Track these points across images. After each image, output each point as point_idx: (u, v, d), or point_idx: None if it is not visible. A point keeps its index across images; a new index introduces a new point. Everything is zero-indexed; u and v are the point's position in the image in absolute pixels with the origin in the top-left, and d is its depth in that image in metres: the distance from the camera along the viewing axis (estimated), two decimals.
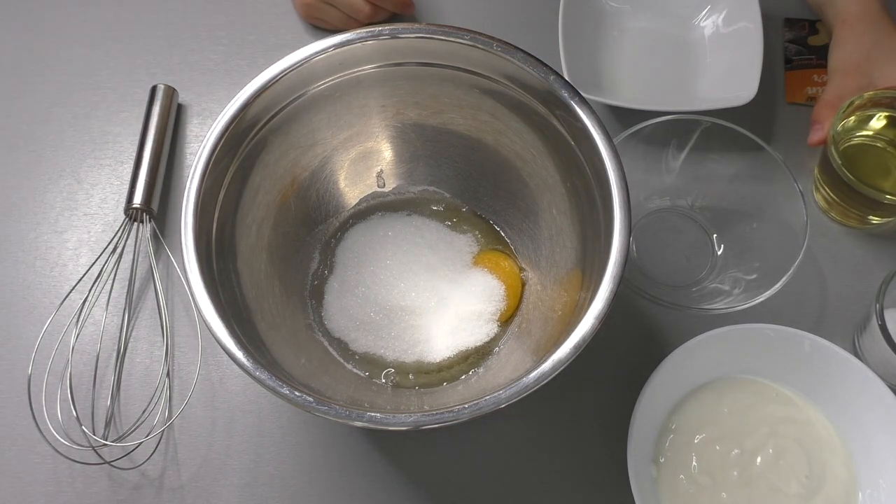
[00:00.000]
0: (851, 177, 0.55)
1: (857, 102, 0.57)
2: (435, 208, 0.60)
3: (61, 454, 0.53)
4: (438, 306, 0.56)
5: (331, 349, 0.55)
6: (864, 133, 0.59)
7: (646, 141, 0.59)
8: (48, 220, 0.63)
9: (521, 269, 0.58)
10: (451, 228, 0.59)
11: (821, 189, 0.61)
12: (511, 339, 0.56)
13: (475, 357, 0.55)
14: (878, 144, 0.59)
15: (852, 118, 0.58)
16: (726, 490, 0.51)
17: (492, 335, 0.55)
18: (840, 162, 0.55)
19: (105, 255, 0.58)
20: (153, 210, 0.60)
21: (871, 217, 0.59)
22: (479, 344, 0.55)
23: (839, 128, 0.57)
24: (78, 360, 0.57)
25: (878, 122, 0.59)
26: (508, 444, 0.55)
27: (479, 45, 0.49)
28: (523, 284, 0.57)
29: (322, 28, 0.69)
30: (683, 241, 0.62)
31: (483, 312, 0.55)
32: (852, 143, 0.59)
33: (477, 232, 0.59)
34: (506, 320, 0.56)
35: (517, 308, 0.57)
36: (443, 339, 0.55)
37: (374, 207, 0.60)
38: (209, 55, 0.69)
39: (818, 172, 0.61)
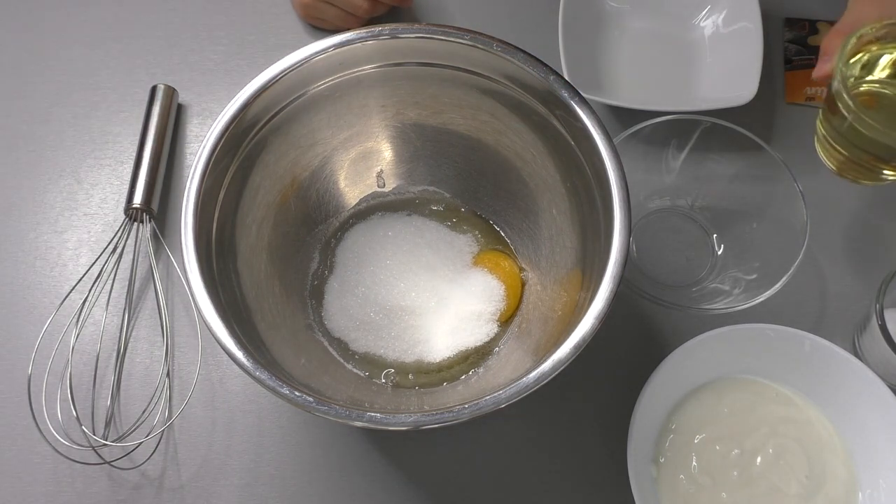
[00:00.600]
0: (869, 121, 0.48)
1: (872, 32, 0.50)
2: (435, 208, 0.60)
3: (61, 454, 0.53)
4: (438, 306, 0.56)
5: (331, 349, 0.55)
6: (873, 79, 0.52)
7: (646, 141, 0.59)
8: (48, 220, 0.63)
9: (521, 269, 0.58)
10: (451, 228, 0.59)
11: (827, 146, 0.54)
12: (511, 339, 0.56)
13: (475, 357, 0.55)
14: (887, 91, 0.52)
15: (861, 58, 0.51)
16: (726, 490, 0.51)
17: (492, 335, 0.55)
18: (852, 105, 0.48)
19: (105, 255, 0.58)
20: (153, 210, 0.60)
21: (885, 172, 0.53)
22: (479, 344, 0.55)
23: (849, 64, 0.50)
24: (78, 360, 0.57)
25: (884, 70, 0.52)
26: (508, 444, 0.55)
27: (479, 45, 0.49)
28: (523, 284, 0.57)
29: (321, 28, 0.69)
30: (683, 241, 0.62)
31: (483, 312, 0.55)
32: (860, 89, 0.52)
33: (477, 232, 0.59)
34: (506, 320, 0.56)
35: (517, 308, 0.57)
36: (443, 339, 0.55)
37: (374, 207, 0.60)
38: (209, 55, 0.69)
39: (824, 129, 0.53)
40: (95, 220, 0.63)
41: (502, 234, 0.59)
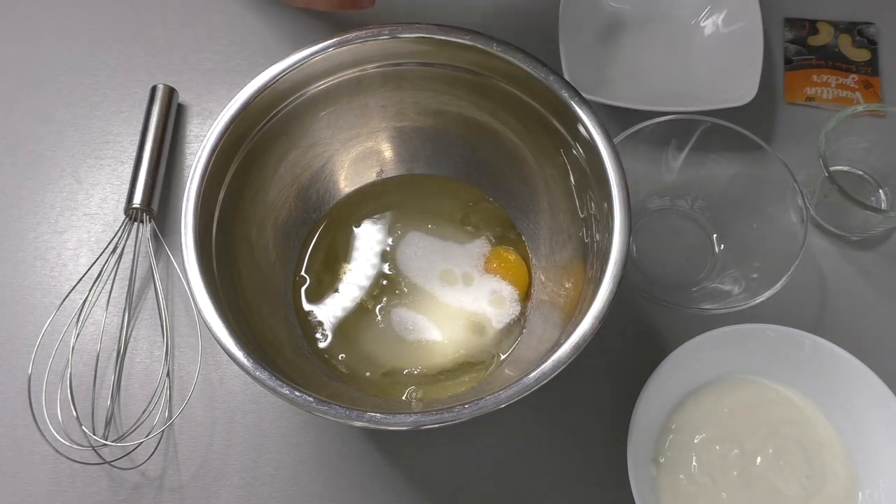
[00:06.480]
0: None
1: None
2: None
3: (61, 454, 0.53)
4: (443, 310, 0.56)
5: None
6: None
7: (646, 141, 0.59)
8: (48, 220, 0.63)
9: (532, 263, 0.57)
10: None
11: None
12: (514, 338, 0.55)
13: (478, 365, 0.54)
14: None
15: None
16: (726, 490, 0.51)
17: (496, 342, 0.55)
18: None
19: (105, 255, 0.58)
20: (153, 210, 0.60)
21: None
22: (482, 355, 0.54)
23: None
24: (78, 360, 0.57)
25: None
26: (508, 443, 0.55)
27: (479, 45, 0.49)
28: (530, 280, 0.56)
29: (311, 8, 0.68)
30: (683, 241, 0.62)
31: (490, 317, 0.55)
32: None
33: (489, 233, 0.58)
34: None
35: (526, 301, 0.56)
36: (445, 345, 0.55)
37: None
38: (209, 55, 0.69)
39: None
40: (95, 220, 0.63)
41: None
